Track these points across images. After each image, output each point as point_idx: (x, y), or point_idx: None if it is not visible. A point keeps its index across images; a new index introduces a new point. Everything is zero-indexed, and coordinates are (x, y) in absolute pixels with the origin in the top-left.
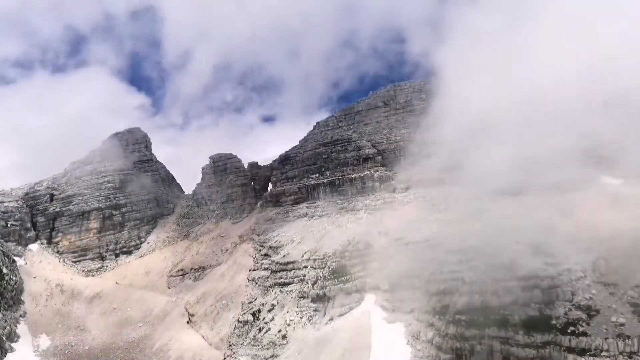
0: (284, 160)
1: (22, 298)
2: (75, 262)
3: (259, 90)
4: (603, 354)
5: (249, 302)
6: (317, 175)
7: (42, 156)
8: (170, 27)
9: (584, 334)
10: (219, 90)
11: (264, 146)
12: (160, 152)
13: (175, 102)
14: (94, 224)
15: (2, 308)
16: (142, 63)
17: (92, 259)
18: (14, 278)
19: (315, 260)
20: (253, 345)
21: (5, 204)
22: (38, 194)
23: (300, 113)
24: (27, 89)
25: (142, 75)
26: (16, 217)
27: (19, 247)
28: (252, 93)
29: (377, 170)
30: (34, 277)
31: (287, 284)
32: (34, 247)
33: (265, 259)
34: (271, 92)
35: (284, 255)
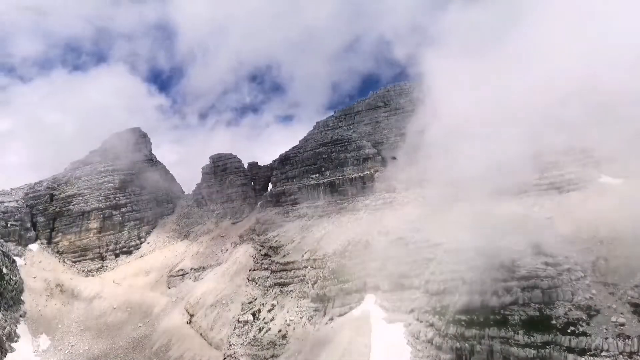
0: (284, 160)
1: (22, 298)
2: (75, 262)
3: (275, 91)
4: (603, 354)
5: (249, 302)
6: (317, 175)
7: (58, 153)
8: (187, 29)
9: (584, 334)
10: (235, 91)
11: (280, 146)
12: (175, 152)
13: (192, 102)
14: (94, 224)
15: (2, 308)
16: (163, 63)
17: (92, 259)
18: (14, 278)
19: (315, 260)
20: (253, 345)
21: (5, 204)
22: (38, 194)
23: (317, 113)
24: (45, 86)
25: (163, 75)
26: (16, 217)
27: (19, 247)
28: (268, 93)
29: (377, 170)
30: (34, 277)
31: (287, 284)
32: (34, 247)
33: (265, 259)
34: (288, 92)
35: (284, 255)
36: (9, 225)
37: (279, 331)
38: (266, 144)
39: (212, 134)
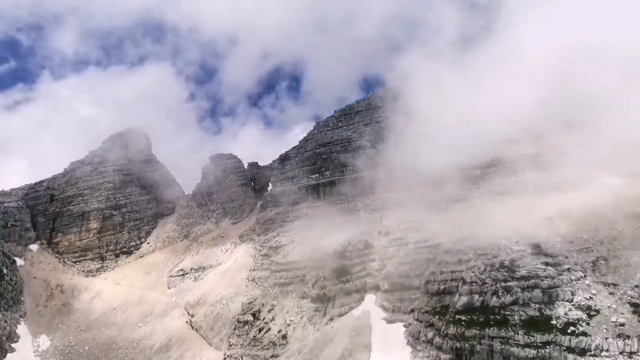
0: (284, 160)
1: (22, 298)
2: (75, 262)
3: (307, 92)
4: (603, 354)
5: (249, 302)
6: (317, 175)
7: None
8: (215, 28)
9: (584, 334)
10: (268, 93)
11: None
12: (208, 152)
13: (223, 101)
14: (94, 224)
15: (2, 308)
16: (199, 63)
17: (92, 259)
18: (14, 278)
19: (315, 260)
20: (253, 345)
21: (5, 204)
22: (38, 194)
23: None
24: (82, 81)
25: (203, 78)
26: (16, 217)
27: (19, 247)
28: (297, 93)
29: (377, 170)
30: (34, 278)
31: (287, 284)
32: (34, 247)
33: (266, 259)
34: (318, 93)
35: (284, 255)
36: (9, 225)
37: (279, 331)
38: (291, 145)
39: (242, 134)
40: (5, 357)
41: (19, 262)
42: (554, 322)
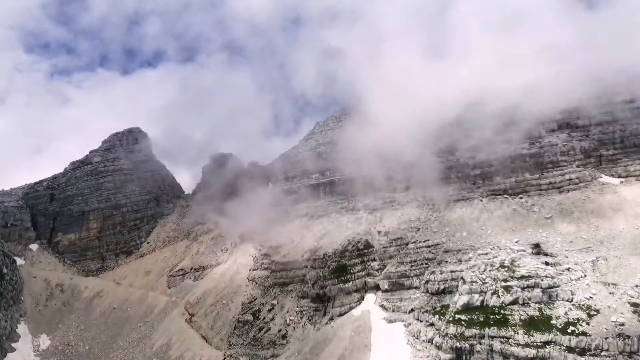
0: (284, 160)
1: (22, 298)
2: (75, 262)
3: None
4: (603, 353)
5: (249, 302)
6: (317, 175)
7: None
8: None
9: (584, 333)
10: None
11: None
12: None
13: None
14: (94, 224)
15: (2, 308)
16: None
17: (92, 259)
18: (14, 278)
19: (315, 260)
20: (253, 345)
21: (5, 204)
22: (38, 194)
23: None
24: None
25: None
26: (16, 217)
27: (19, 247)
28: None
29: (378, 170)
30: (34, 277)
31: (287, 284)
32: (34, 247)
33: (265, 258)
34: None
35: (284, 255)
36: (9, 225)
37: (279, 331)
38: None
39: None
40: (5, 356)
41: (19, 261)
42: (554, 321)
